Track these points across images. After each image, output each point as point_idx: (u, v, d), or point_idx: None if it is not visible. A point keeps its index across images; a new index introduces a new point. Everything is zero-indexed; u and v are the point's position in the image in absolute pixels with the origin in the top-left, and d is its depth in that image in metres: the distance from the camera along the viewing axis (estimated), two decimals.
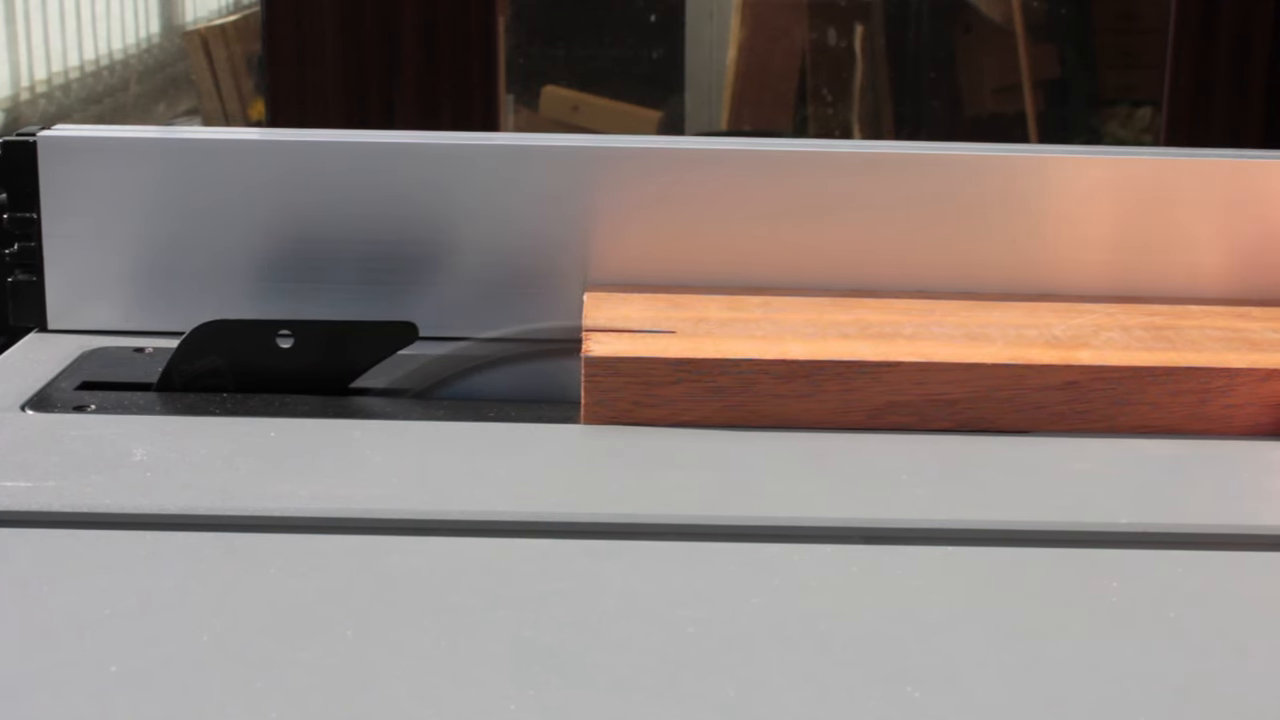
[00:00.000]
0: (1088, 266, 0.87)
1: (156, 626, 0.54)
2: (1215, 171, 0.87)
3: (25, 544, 0.60)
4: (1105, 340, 0.77)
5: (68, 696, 0.49)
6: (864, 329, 0.78)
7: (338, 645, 0.53)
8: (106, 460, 0.68)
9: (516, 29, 2.67)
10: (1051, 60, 2.74)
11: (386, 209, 0.85)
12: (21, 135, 0.85)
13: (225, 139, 0.86)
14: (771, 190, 0.86)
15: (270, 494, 0.65)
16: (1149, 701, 0.51)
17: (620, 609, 0.56)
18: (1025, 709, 0.50)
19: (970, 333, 0.78)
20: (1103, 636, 0.55)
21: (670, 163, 0.85)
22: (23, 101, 3.23)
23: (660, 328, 0.77)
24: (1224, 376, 0.74)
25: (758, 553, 0.61)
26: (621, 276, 0.86)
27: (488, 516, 0.63)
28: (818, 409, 0.73)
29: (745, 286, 0.85)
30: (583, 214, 0.85)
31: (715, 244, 0.86)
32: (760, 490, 0.67)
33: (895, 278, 0.86)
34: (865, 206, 0.86)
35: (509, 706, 0.49)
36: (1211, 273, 0.87)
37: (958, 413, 0.74)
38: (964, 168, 0.86)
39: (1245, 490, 0.69)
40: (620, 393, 0.73)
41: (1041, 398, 0.74)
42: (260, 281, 0.86)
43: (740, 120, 2.70)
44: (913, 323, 0.80)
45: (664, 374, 0.73)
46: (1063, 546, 0.63)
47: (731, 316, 0.80)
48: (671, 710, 0.50)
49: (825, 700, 0.50)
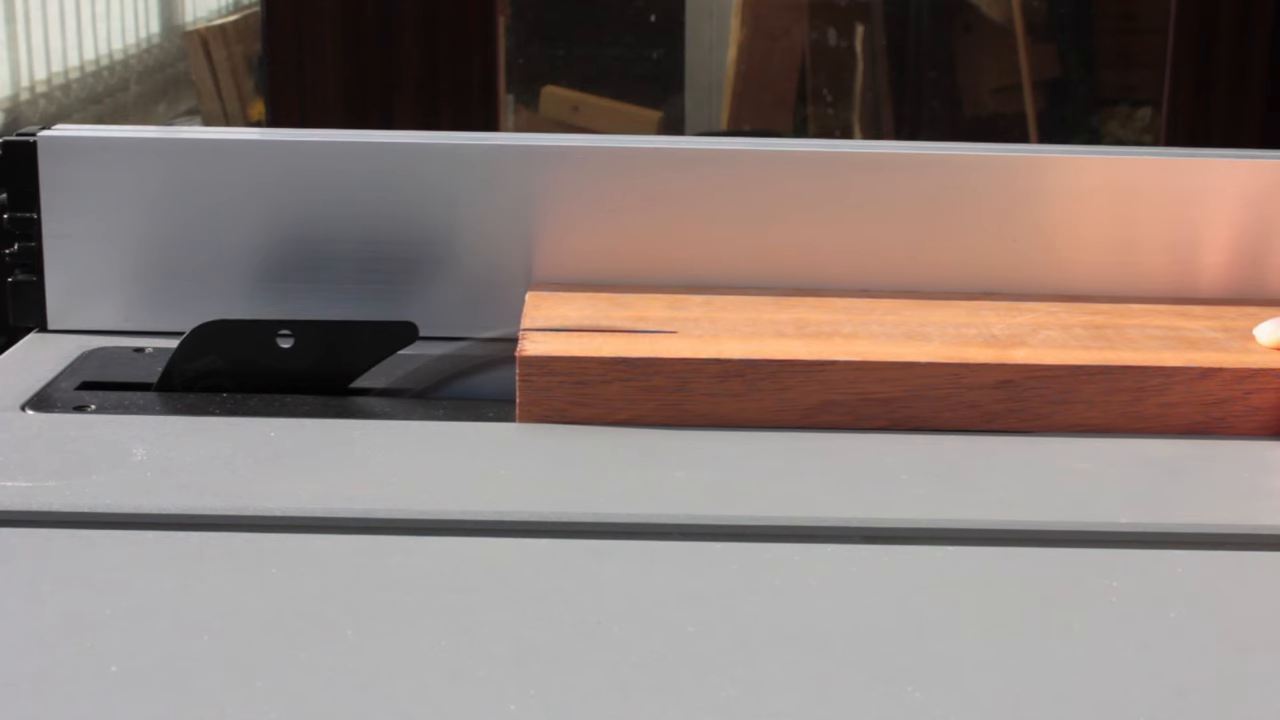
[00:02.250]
0: (1087, 267, 0.87)
1: (156, 626, 0.54)
2: (1215, 171, 0.87)
3: (25, 544, 0.60)
4: (1043, 339, 0.77)
5: (68, 696, 0.49)
6: (802, 328, 0.78)
7: (338, 645, 0.53)
8: (106, 460, 0.68)
9: (516, 29, 2.67)
10: (1051, 60, 2.74)
11: (386, 209, 0.85)
12: (21, 135, 0.85)
13: (225, 139, 0.86)
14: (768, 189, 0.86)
15: (270, 494, 0.65)
16: (1149, 702, 0.51)
17: (620, 608, 0.56)
18: (1025, 709, 0.50)
19: (909, 331, 0.78)
20: (1103, 636, 0.55)
21: (668, 161, 0.85)
22: (23, 101, 3.23)
23: (599, 326, 0.77)
24: (1159, 375, 0.74)
25: (758, 552, 0.61)
26: (627, 276, 0.86)
27: (488, 516, 0.63)
28: (752, 408, 0.73)
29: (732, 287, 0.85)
30: (580, 214, 0.86)
31: (700, 241, 0.86)
32: (761, 490, 0.67)
33: (890, 279, 0.86)
34: (866, 203, 0.86)
35: (509, 706, 0.49)
36: (1211, 273, 0.87)
37: (893, 411, 0.74)
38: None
39: (1245, 490, 0.69)
40: (554, 392, 0.73)
41: (976, 396, 0.74)
42: (260, 281, 0.86)
43: (740, 120, 2.70)
44: (852, 321, 0.80)
45: (598, 373, 0.73)
46: (1063, 546, 0.63)
47: (672, 315, 0.80)
48: (671, 710, 0.50)
49: (825, 700, 0.50)
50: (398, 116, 1.85)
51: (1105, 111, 2.81)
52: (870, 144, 0.89)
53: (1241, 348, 0.77)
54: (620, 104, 2.72)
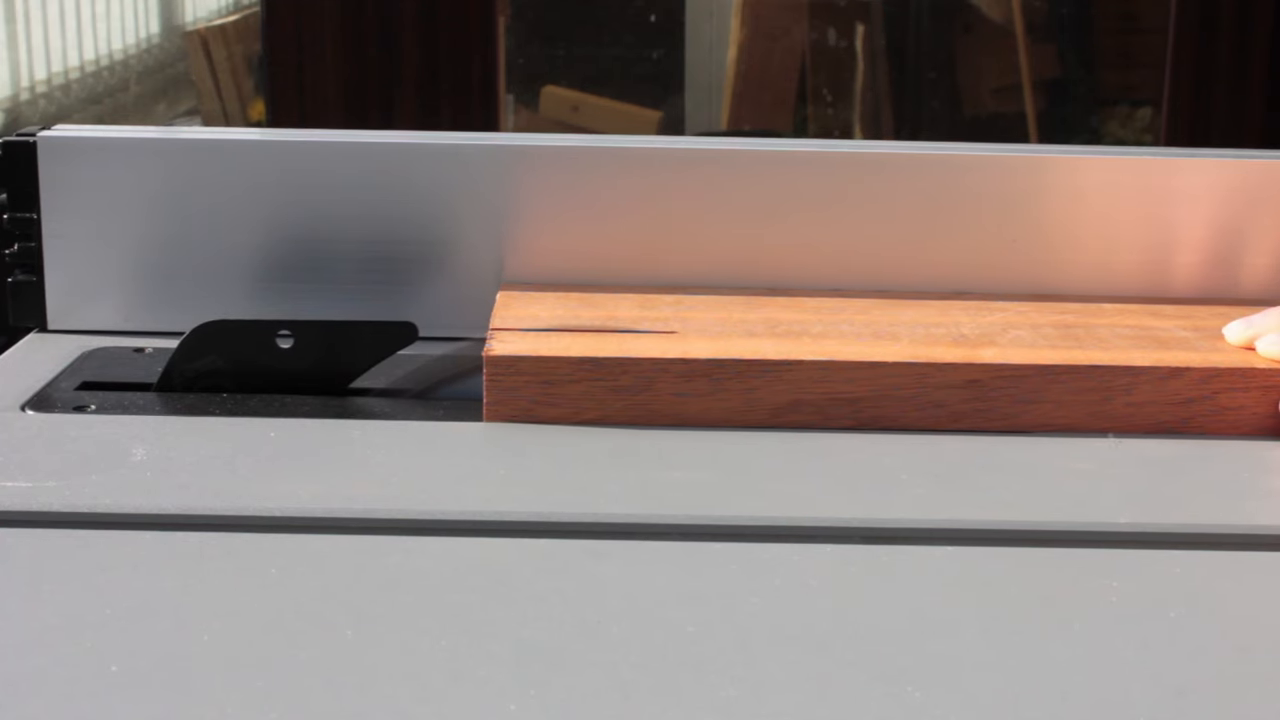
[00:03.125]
0: (1080, 267, 0.87)
1: (156, 627, 0.54)
2: (1215, 171, 0.87)
3: (25, 544, 0.60)
4: (1012, 339, 0.77)
5: (68, 696, 0.49)
6: (772, 327, 0.78)
7: (338, 645, 0.53)
8: (106, 460, 0.68)
9: (516, 29, 2.67)
10: (1051, 60, 2.73)
11: (386, 209, 0.85)
12: (21, 135, 0.85)
13: (225, 139, 0.86)
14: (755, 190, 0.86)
15: (270, 494, 0.65)
16: (1149, 702, 0.51)
17: (620, 609, 0.56)
18: (1025, 709, 0.50)
19: (878, 331, 0.78)
20: (1102, 636, 0.55)
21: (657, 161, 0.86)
22: (23, 101, 3.23)
23: (568, 326, 0.77)
24: (1126, 375, 0.74)
25: (758, 553, 0.61)
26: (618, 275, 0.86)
27: (487, 516, 0.63)
28: (719, 408, 0.73)
29: None
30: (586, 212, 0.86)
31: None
32: (761, 490, 0.67)
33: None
34: (863, 203, 0.86)
35: (509, 706, 0.49)
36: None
37: (860, 411, 0.74)
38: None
39: (1244, 490, 0.69)
40: (521, 391, 0.73)
41: (944, 396, 0.74)
42: (260, 281, 0.86)
43: (740, 120, 2.70)
44: (822, 321, 0.80)
45: (565, 373, 0.73)
46: (1062, 546, 0.63)
47: (641, 315, 0.80)
48: (671, 710, 0.50)
49: (825, 700, 0.50)
50: (398, 116, 1.85)
51: (1105, 111, 2.81)
52: (851, 144, 0.89)
53: (1211, 347, 0.77)
54: (620, 104, 2.72)
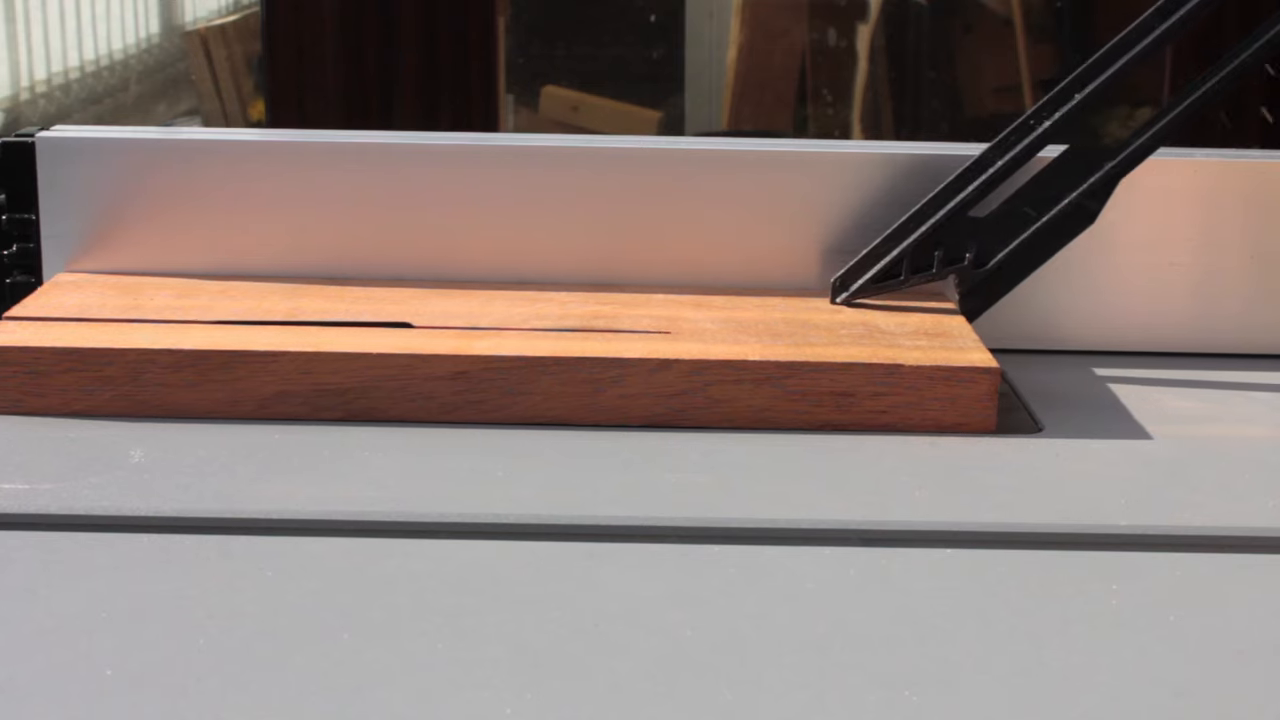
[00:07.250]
0: None
1: (154, 628, 0.54)
2: (1215, 171, 0.87)
3: (23, 546, 0.60)
4: (521, 330, 0.77)
5: (67, 697, 0.49)
6: (292, 316, 0.78)
7: (335, 647, 0.53)
8: (104, 462, 0.68)
9: (516, 29, 2.67)
10: (1051, 60, 2.73)
11: (386, 209, 0.85)
12: (20, 136, 0.85)
13: (225, 139, 0.86)
14: None
15: (268, 496, 0.65)
16: (1148, 704, 0.51)
17: (618, 611, 0.56)
18: (1024, 711, 0.50)
19: (397, 319, 0.78)
20: (1102, 639, 0.55)
21: None
22: (23, 101, 3.23)
23: (89, 315, 0.77)
24: (615, 367, 0.73)
25: (756, 555, 0.61)
26: None
27: (486, 519, 0.63)
28: (205, 399, 0.73)
29: None
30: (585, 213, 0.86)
31: None
32: (759, 492, 0.67)
33: None
34: None
35: (506, 709, 0.49)
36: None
37: (349, 402, 0.73)
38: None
39: (1245, 492, 0.69)
40: (8, 381, 0.73)
41: (431, 388, 0.73)
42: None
43: (740, 120, 2.70)
44: (349, 311, 0.79)
45: (50, 362, 0.73)
46: (1062, 549, 0.63)
47: (170, 304, 0.80)
48: (669, 713, 0.50)
49: (823, 703, 0.50)
50: (397, 117, 1.85)
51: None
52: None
53: (711, 339, 0.76)
54: (620, 104, 2.71)
